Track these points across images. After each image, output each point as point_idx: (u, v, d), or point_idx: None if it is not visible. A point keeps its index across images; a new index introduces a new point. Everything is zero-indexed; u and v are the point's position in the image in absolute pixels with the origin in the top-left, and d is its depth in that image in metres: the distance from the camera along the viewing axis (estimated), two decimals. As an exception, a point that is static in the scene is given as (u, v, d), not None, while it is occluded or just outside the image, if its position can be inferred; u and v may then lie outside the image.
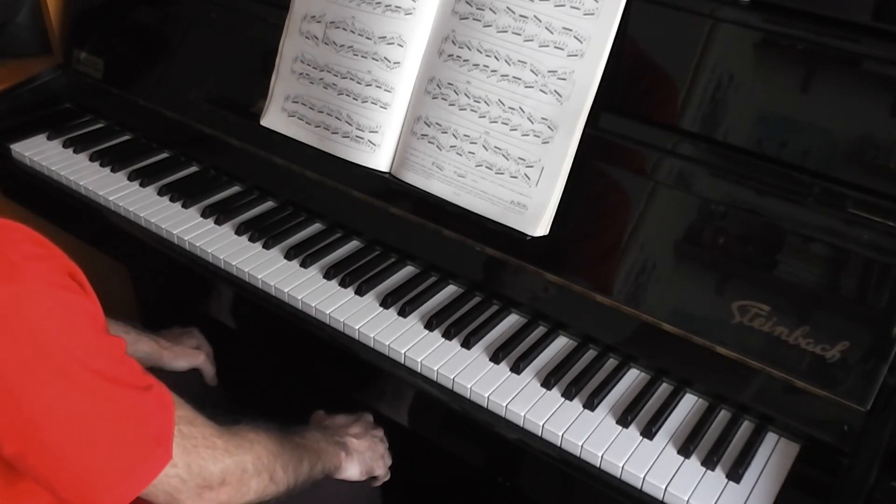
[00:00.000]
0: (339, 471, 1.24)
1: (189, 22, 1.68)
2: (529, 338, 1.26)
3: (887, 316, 1.03)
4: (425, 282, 1.36)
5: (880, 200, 1.06)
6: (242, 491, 1.02)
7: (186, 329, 1.50)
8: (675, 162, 1.18)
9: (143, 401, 0.91)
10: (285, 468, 1.08)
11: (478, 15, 1.28)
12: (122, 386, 0.89)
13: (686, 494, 1.03)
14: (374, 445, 1.31)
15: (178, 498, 0.94)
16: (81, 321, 0.88)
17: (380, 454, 1.32)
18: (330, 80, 1.42)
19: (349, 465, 1.25)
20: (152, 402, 0.92)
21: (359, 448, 1.28)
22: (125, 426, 0.89)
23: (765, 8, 1.14)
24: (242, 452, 1.01)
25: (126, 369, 0.92)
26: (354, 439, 1.28)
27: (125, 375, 0.91)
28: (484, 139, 1.28)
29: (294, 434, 1.16)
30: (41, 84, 1.81)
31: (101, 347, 0.90)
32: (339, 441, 1.25)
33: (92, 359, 0.87)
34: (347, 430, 1.29)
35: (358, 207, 1.42)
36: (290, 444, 1.12)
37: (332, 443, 1.23)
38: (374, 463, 1.30)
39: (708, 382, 1.16)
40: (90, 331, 0.89)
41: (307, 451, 1.15)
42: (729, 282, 1.13)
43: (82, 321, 0.88)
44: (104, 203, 1.55)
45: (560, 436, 1.10)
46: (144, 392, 0.91)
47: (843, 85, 1.11)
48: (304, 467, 1.13)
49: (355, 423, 1.33)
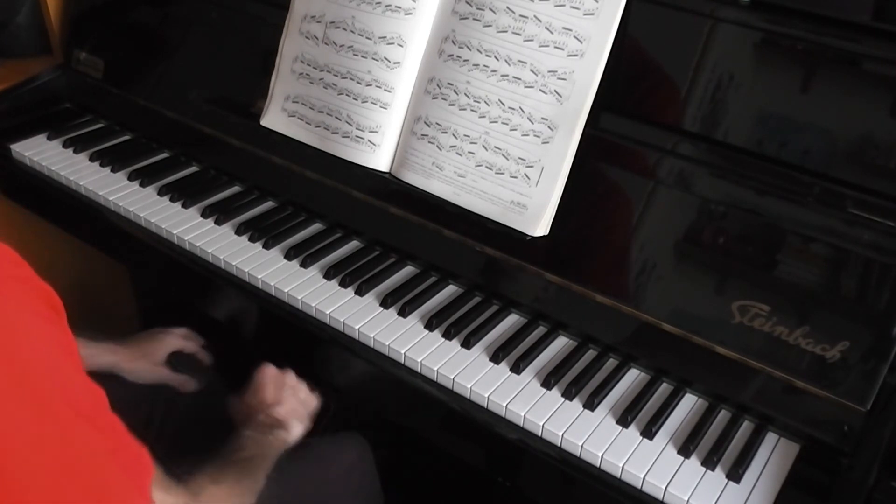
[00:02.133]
0: (290, 442, 1.22)
1: (189, 22, 1.68)
2: (529, 338, 1.26)
3: (887, 316, 1.03)
4: (425, 282, 1.36)
5: (880, 200, 1.06)
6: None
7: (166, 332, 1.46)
8: (676, 162, 1.18)
9: (122, 450, 0.87)
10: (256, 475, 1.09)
11: (478, 15, 1.28)
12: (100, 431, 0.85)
13: (686, 494, 1.03)
14: (295, 398, 1.27)
15: None
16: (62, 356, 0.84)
17: (302, 401, 1.28)
18: (330, 80, 1.42)
19: (293, 432, 1.23)
20: (132, 453, 0.89)
21: (289, 414, 1.24)
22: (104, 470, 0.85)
23: (765, 8, 1.14)
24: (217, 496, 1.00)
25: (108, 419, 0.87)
26: (280, 409, 1.24)
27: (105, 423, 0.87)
28: (484, 139, 1.28)
29: (235, 452, 1.13)
30: (41, 84, 1.81)
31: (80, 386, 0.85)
32: (272, 422, 1.22)
33: (70, 395, 0.83)
34: (269, 407, 1.25)
35: (358, 207, 1.42)
36: (238, 466, 1.10)
37: (268, 431, 1.20)
38: (307, 408, 1.28)
39: (708, 382, 1.16)
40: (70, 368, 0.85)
41: (253, 462, 1.13)
42: (729, 282, 1.13)
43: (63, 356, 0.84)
44: (104, 203, 1.55)
45: (560, 436, 1.10)
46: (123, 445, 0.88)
47: (843, 85, 1.11)
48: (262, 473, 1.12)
49: (264, 389, 1.27)
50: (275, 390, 1.27)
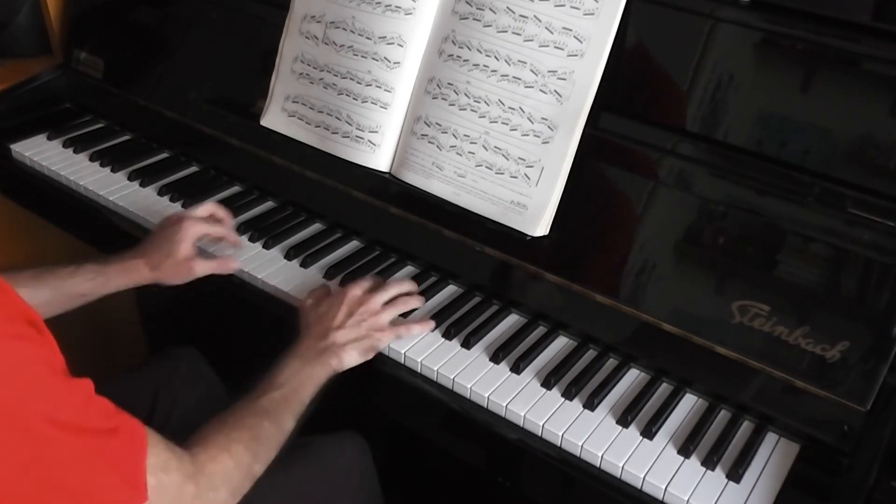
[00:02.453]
0: (338, 371, 1.18)
1: (189, 22, 1.68)
2: (529, 338, 1.26)
3: (887, 316, 1.03)
4: (425, 282, 1.36)
5: (880, 200, 1.06)
6: (241, 491, 1.01)
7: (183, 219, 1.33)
8: (676, 162, 1.18)
9: (109, 446, 0.87)
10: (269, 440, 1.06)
11: (478, 15, 1.28)
12: (84, 434, 0.85)
13: (686, 494, 1.03)
14: (362, 324, 1.21)
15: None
16: (39, 371, 0.83)
17: (374, 327, 1.21)
18: (330, 80, 1.42)
19: (345, 361, 1.18)
20: (120, 445, 0.88)
21: (348, 339, 1.19)
22: (91, 475, 0.85)
23: (765, 8, 1.14)
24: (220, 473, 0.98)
25: (93, 412, 0.87)
26: (342, 331, 1.19)
27: (90, 420, 0.86)
28: (484, 139, 1.28)
29: (271, 387, 1.11)
30: (41, 84, 1.81)
31: (61, 395, 0.84)
32: (326, 347, 1.18)
33: (51, 409, 0.82)
34: (332, 325, 1.20)
35: (358, 207, 1.42)
36: (267, 407, 1.08)
37: (316, 361, 1.16)
38: (372, 342, 1.20)
39: (708, 382, 1.16)
40: (49, 379, 0.84)
41: (287, 400, 1.10)
42: (729, 282, 1.13)
43: (40, 370, 0.83)
44: (104, 203, 1.55)
45: (560, 436, 1.10)
46: (111, 435, 0.87)
47: (843, 85, 1.11)
48: (293, 411, 1.10)
49: (338, 309, 1.21)
50: (346, 314, 1.21)
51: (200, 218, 1.36)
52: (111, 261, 1.29)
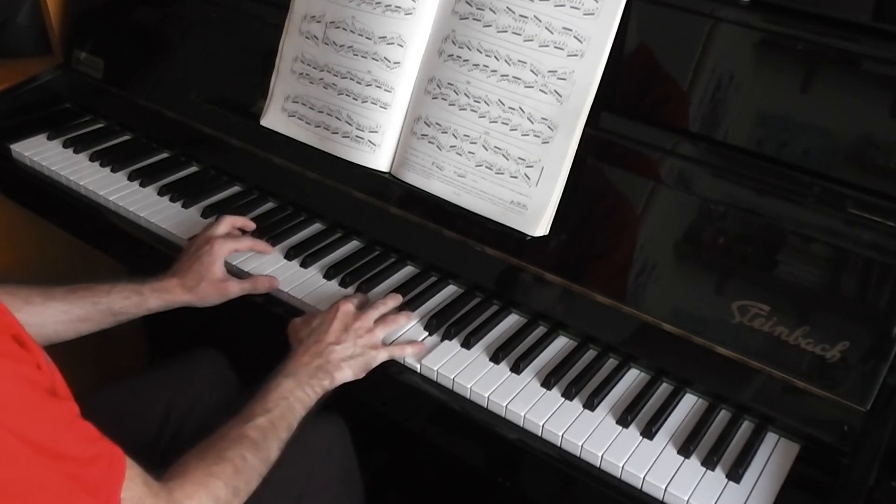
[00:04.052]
0: (329, 390, 1.16)
1: (189, 22, 1.68)
2: (529, 338, 1.26)
3: (887, 316, 1.03)
4: (425, 282, 1.36)
5: (880, 200, 1.06)
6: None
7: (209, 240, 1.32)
8: (675, 162, 1.18)
9: (85, 475, 0.84)
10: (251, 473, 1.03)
11: (478, 15, 1.28)
12: (59, 459, 0.83)
13: (686, 494, 1.03)
14: (357, 341, 1.19)
15: None
16: (16, 388, 0.81)
17: (368, 345, 1.19)
18: (330, 80, 1.42)
19: (338, 379, 1.16)
20: (97, 474, 0.86)
21: (342, 357, 1.17)
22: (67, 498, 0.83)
23: (765, 8, 1.14)
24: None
25: (73, 437, 0.85)
26: (337, 347, 1.17)
27: (69, 446, 0.84)
28: (484, 139, 1.28)
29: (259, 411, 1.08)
30: (41, 84, 1.81)
31: (40, 415, 0.82)
32: (320, 366, 1.16)
33: (27, 429, 0.80)
34: (327, 340, 1.18)
35: (358, 207, 1.42)
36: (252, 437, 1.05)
37: (307, 383, 1.14)
38: (366, 359, 1.19)
39: (708, 382, 1.16)
40: (27, 397, 0.82)
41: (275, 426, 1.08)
42: (729, 282, 1.13)
43: (17, 388, 0.81)
44: (104, 203, 1.55)
45: (560, 436, 1.10)
46: (88, 464, 0.85)
47: (843, 85, 1.11)
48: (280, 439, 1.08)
49: (331, 324, 1.20)
50: (341, 329, 1.20)
51: (226, 235, 1.36)
52: (147, 281, 1.28)
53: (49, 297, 1.21)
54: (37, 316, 1.19)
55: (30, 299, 1.19)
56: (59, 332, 1.22)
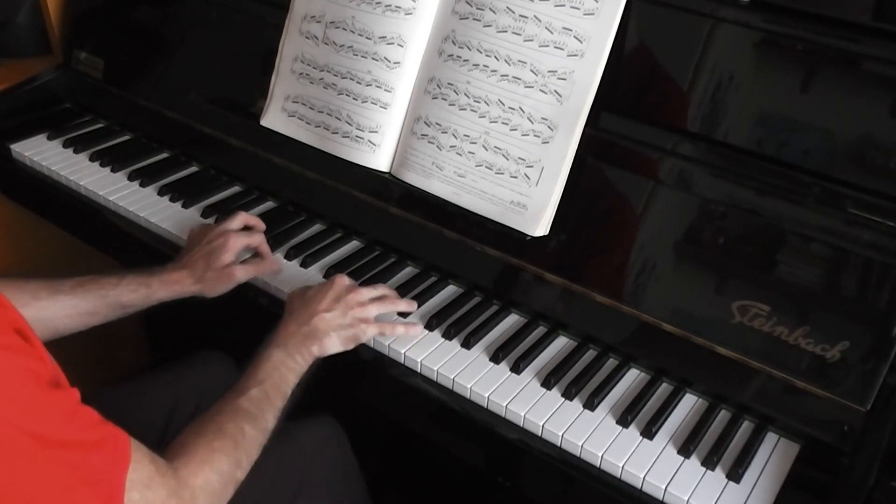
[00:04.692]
0: (319, 358, 1.17)
1: (189, 22, 1.68)
2: (529, 338, 1.26)
3: (887, 316, 1.03)
4: (425, 282, 1.36)
5: (880, 200, 1.06)
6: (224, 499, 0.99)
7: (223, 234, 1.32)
8: (675, 162, 1.18)
9: (90, 460, 0.85)
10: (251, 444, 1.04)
11: (478, 15, 1.28)
12: (64, 448, 0.83)
13: (686, 494, 1.03)
14: (347, 312, 1.20)
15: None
16: (20, 381, 0.81)
17: (357, 317, 1.20)
18: (330, 80, 1.42)
19: (326, 346, 1.17)
20: (102, 458, 0.86)
21: (331, 325, 1.18)
22: (68, 490, 0.83)
23: (765, 8, 1.14)
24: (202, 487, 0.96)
25: (76, 424, 0.85)
26: (326, 315, 1.18)
27: (72, 433, 0.84)
28: (484, 139, 1.28)
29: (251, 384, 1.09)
30: (41, 84, 1.81)
31: (43, 407, 0.83)
32: (308, 333, 1.17)
33: (30, 421, 0.81)
34: (317, 308, 1.19)
35: (358, 207, 1.42)
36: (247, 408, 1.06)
37: (296, 351, 1.15)
38: (355, 331, 1.19)
39: (708, 382, 1.16)
40: (31, 390, 0.82)
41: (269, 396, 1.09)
42: (729, 282, 1.13)
43: (21, 381, 0.82)
44: (104, 203, 1.55)
45: (560, 436, 1.10)
46: (93, 449, 0.86)
47: (843, 85, 1.11)
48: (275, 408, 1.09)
49: (324, 295, 1.20)
50: (332, 300, 1.20)
51: (239, 230, 1.36)
52: (155, 273, 1.28)
53: (56, 292, 1.22)
54: (44, 311, 1.20)
55: (37, 294, 1.20)
56: (69, 325, 1.23)
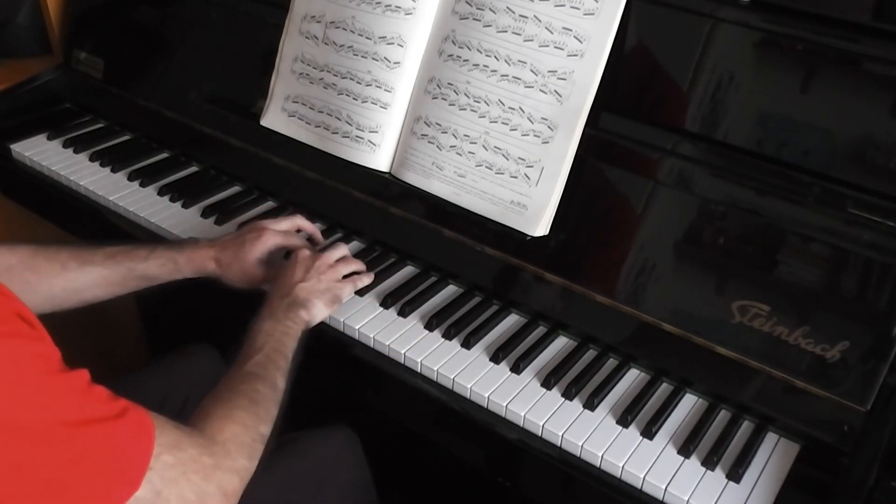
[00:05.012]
0: (312, 323, 1.21)
1: (189, 22, 1.68)
2: (529, 338, 1.26)
3: (887, 316, 1.03)
4: (425, 282, 1.36)
5: (880, 200, 1.06)
6: (255, 454, 1.00)
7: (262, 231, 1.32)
8: (675, 162, 1.18)
9: (117, 431, 0.85)
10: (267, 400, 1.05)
11: (478, 15, 1.28)
12: (85, 425, 0.83)
13: (686, 494, 1.03)
14: (321, 277, 1.24)
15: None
16: (35, 368, 0.81)
17: (332, 280, 1.26)
18: (330, 80, 1.42)
19: (314, 314, 1.22)
20: (127, 428, 0.86)
21: (311, 291, 1.22)
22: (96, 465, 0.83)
23: (765, 8, 1.14)
24: (231, 440, 0.97)
25: (92, 401, 0.85)
26: (304, 284, 1.22)
27: (90, 410, 0.84)
28: (484, 139, 1.28)
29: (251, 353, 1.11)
30: (41, 84, 1.81)
31: (56, 390, 0.83)
32: (292, 301, 1.20)
33: (46, 407, 0.81)
34: (293, 281, 1.23)
35: (358, 207, 1.42)
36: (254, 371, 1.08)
37: (285, 317, 1.18)
38: (334, 292, 1.25)
39: (708, 382, 1.16)
40: (42, 375, 0.82)
41: (272, 359, 1.11)
42: (729, 282, 1.13)
43: (32, 368, 0.81)
44: (104, 203, 1.55)
45: (560, 436, 1.10)
46: (116, 421, 0.85)
47: (843, 85, 1.11)
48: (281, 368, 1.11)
49: (294, 268, 1.25)
50: (303, 270, 1.25)
51: (282, 231, 1.34)
52: (184, 249, 1.30)
53: (86, 262, 1.23)
54: (74, 282, 1.21)
55: (67, 265, 1.21)
56: (97, 295, 1.25)
